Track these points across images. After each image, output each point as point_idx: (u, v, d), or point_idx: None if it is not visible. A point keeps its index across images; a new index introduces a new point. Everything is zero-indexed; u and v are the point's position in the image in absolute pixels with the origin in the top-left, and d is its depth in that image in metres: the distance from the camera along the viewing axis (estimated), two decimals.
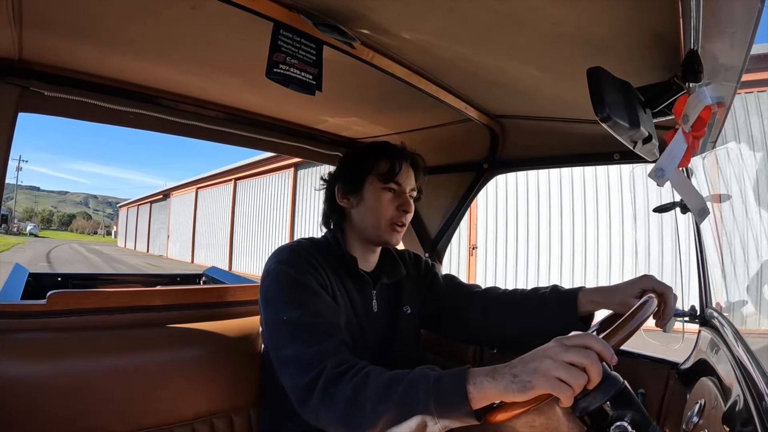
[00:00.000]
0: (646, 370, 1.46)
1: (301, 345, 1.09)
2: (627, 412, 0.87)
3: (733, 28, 0.85)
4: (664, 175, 0.96)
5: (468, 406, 0.85)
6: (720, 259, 1.62)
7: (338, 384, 0.99)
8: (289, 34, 1.07)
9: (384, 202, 1.38)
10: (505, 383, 0.82)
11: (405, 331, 1.48)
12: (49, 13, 1.08)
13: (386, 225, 1.38)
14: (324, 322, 1.14)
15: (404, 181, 1.40)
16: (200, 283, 3.39)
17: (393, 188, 1.39)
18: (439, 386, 0.89)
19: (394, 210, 1.38)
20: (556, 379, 0.78)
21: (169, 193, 31.64)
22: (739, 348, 1.08)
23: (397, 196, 1.39)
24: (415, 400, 0.89)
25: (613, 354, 0.80)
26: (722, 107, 1.05)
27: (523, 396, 0.81)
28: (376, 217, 1.38)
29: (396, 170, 1.38)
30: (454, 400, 0.86)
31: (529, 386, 0.80)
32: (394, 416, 0.90)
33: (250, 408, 1.52)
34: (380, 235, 1.39)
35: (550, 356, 0.81)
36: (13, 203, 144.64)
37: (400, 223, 1.38)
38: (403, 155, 1.43)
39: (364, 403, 0.94)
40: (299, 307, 1.15)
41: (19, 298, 2.03)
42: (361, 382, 0.97)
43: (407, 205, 1.38)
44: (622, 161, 1.60)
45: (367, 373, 0.99)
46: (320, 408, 1.01)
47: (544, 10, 0.96)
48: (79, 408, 1.24)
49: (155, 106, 1.59)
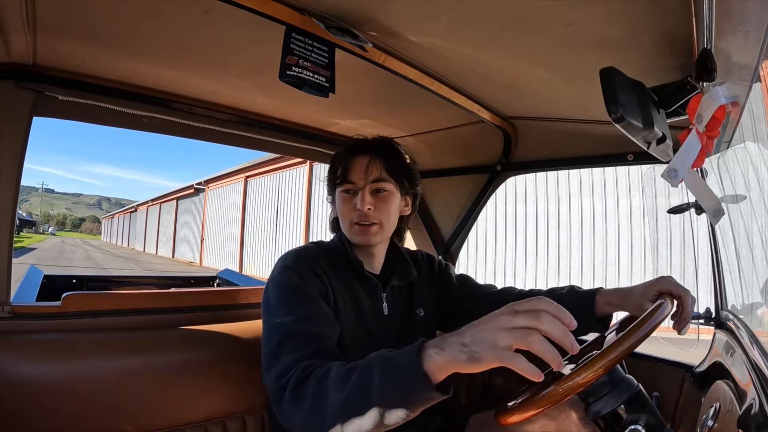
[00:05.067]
0: (660, 373, 1.44)
1: (286, 350, 1.08)
2: (641, 415, 0.87)
3: (746, 26, 0.84)
4: (677, 176, 0.95)
5: (428, 380, 0.78)
6: (737, 261, 1.60)
7: (304, 383, 0.97)
8: (302, 37, 1.07)
9: (343, 205, 1.35)
10: (454, 353, 0.76)
11: (418, 333, 1.45)
12: (63, 18, 1.09)
13: (350, 226, 1.34)
14: (312, 330, 1.12)
15: (356, 176, 1.34)
16: (214, 285, 3.41)
17: (347, 188, 1.35)
18: (393, 363, 0.84)
19: (352, 211, 1.33)
20: (504, 348, 0.72)
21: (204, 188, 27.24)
22: (754, 351, 1.07)
23: (353, 195, 1.35)
24: (370, 380, 0.85)
25: (572, 318, 0.74)
26: (736, 106, 1.04)
27: (472, 367, 0.75)
28: (343, 221, 1.36)
29: (346, 167, 1.35)
30: (410, 375, 0.80)
31: (477, 357, 0.74)
32: (354, 401, 0.85)
33: (263, 409, 1.52)
34: (352, 238, 1.36)
35: (499, 325, 0.75)
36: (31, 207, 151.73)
37: (364, 222, 1.33)
38: (353, 150, 1.39)
39: (326, 395, 0.91)
40: (292, 313, 1.14)
41: (34, 300, 2.06)
42: (323, 375, 0.95)
43: (360, 203, 1.31)
44: (636, 162, 1.59)
45: (330, 367, 0.96)
46: (290, 409, 0.98)
47: (556, 11, 0.96)
48: (92, 409, 1.25)
49: (168, 110, 1.60)
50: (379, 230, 1.35)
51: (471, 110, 1.61)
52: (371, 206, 1.32)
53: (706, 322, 1.49)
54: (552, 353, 0.70)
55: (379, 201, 1.34)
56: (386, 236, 1.41)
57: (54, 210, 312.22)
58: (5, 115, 1.26)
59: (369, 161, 1.34)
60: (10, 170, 1.27)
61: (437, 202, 2.24)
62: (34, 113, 1.32)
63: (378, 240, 1.37)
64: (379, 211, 1.34)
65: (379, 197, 1.35)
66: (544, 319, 0.72)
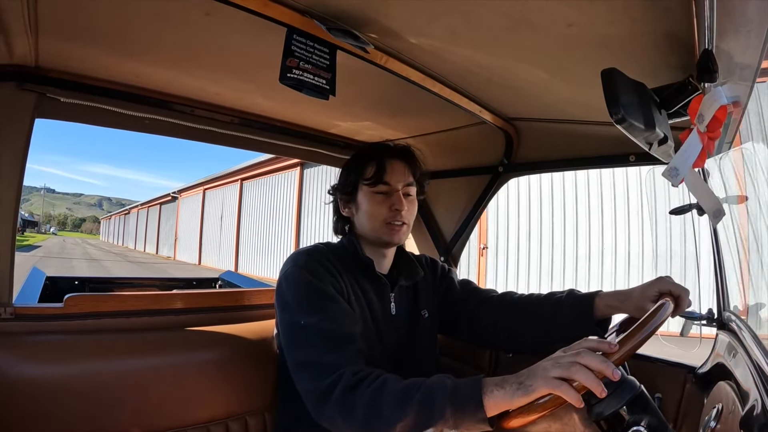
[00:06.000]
0: (662, 375, 1.44)
1: (319, 350, 1.11)
2: (643, 416, 0.87)
3: (747, 26, 0.84)
4: (678, 175, 0.95)
5: (483, 412, 0.89)
6: (738, 262, 1.60)
7: (356, 390, 1.02)
8: (303, 39, 1.08)
9: (375, 205, 1.38)
10: (512, 390, 0.88)
11: (423, 335, 1.48)
12: (65, 20, 1.09)
13: (381, 226, 1.38)
14: (341, 329, 1.16)
15: (394, 180, 1.39)
16: (216, 286, 3.41)
17: (382, 190, 1.39)
18: (456, 394, 0.93)
19: (386, 211, 1.37)
20: (555, 378, 0.84)
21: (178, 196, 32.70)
22: (757, 352, 1.06)
23: (388, 196, 1.39)
24: (432, 406, 0.93)
25: (612, 345, 0.86)
26: (738, 107, 1.04)
27: (527, 398, 0.86)
28: (372, 221, 1.39)
29: (381, 171, 1.38)
30: (469, 407, 0.90)
31: (531, 389, 0.86)
32: (411, 422, 0.94)
33: (264, 411, 1.53)
34: (380, 237, 1.39)
35: (550, 360, 0.88)
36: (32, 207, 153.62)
37: (397, 222, 1.37)
38: (387, 153, 1.43)
39: (381, 408, 0.97)
40: (317, 313, 1.17)
41: (36, 301, 2.06)
42: (378, 388, 1.00)
43: (399, 204, 1.37)
44: (638, 163, 1.58)
45: (385, 379, 1.02)
46: (337, 414, 1.03)
47: (557, 12, 0.96)
48: (95, 410, 1.25)
49: (170, 112, 1.61)
50: (407, 230, 1.43)
51: (472, 112, 1.61)
52: (406, 207, 1.38)
53: (709, 323, 1.49)
54: (591, 380, 0.81)
55: (408, 203, 1.41)
56: (408, 237, 1.48)
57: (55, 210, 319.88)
58: (7, 116, 1.27)
59: (405, 166, 1.43)
60: (12, 171, 1.27)
61: (439, 203, 2.24)
62: (36, 115, 1.32)
63: (405, 239, 1.44)
64: (409, 212, 1.41)
65: (408, 200, 1.42)
66: (584, 354, 0.85)
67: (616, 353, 0.85)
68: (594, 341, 0.89)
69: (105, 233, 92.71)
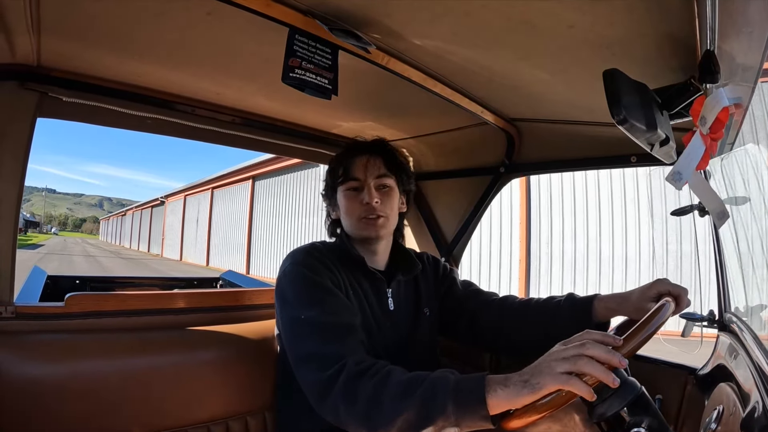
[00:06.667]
0: (663, 376, 1.44)
1: (320, 342, 1.12)
2: (644, 418, 0.87)
3: (749, 27, 0.84)
4: (681, 178, 0.95)
5: (486, 410, 0.88)
6: (739, 263, 1.60)
7: (359, 381, 1.01)
8: (305, 39, 1.08)
9: (349, 203, 1.40)
10: (517, 389, 0.86)
11: (424, 333, 1.49)
12: (67, 19, 1.09)
13: (357, 222, 1.39)
14: (341, 321, 1.17)
15: (361, 173, 1.40)
16: (217, 286, 3.41)
17: (352, 186, 1.40)
18: (458, 389, 0.92)
19: (359, 206, 1.38)
20: (562, 374, 0.83)
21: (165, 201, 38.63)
22: (758, 353, 1.06)
23: (359, 192, 1.40)
24: (435, 401, 0.93)
25: (617, 338, 0.86)
26: (740, 108, 1.04)
27: (534, 396, 0.84)
28: (349, 218, 1.41)
29: (348, 166, 1.41)
30: (471, 404, 0.89)
31: (538, 387, 0.84)
32: (413, 415, 0.93)
33: (265, 410, 1.53)
34: (359, 233, 1.40)
35: (553, 356, 0.87)
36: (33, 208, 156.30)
37: (371, 216, 1.38)
38: (356, 149, 1.45)
39: (384, 400, 0.97)
40: (317, 306, 1.18)
41: (37, 300, 2.06)
42: (382, 380, 1.00)
43: (368, 197, 1.37)
44: (640, 164, 1.58)
45: (389, 371, 1.02)
46: (340, 404, 1.02)
47: (559, 13, 0.96)
48: (95, 409, 1.25)
49: (172, 111, 1.61)
50: (385, 222, 1.41)
51: (474, 112, 1.61)
52: (378, 199, 1.37)
53: (710, 324, 1.49)
54: (600, 371, 0.80)
55: (383, 196, 1.41)
56: (390, 230, 1.46)
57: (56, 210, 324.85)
58: (9, 115, 1.27)
59: (368, 158, 1.42)
60: (13, 171, 1.27)
61: (440, 204, 2.24)
62: (38, 114, 1.32)
63: (384, 233, 1.42)
64: (384, 204, 1.40)
65: (383, 192, 1.42)
66: (589, 346, 0.84)
67: (622, 348, 0.84)
68: (598, 333, 0.88)
69: (104, 233, 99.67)
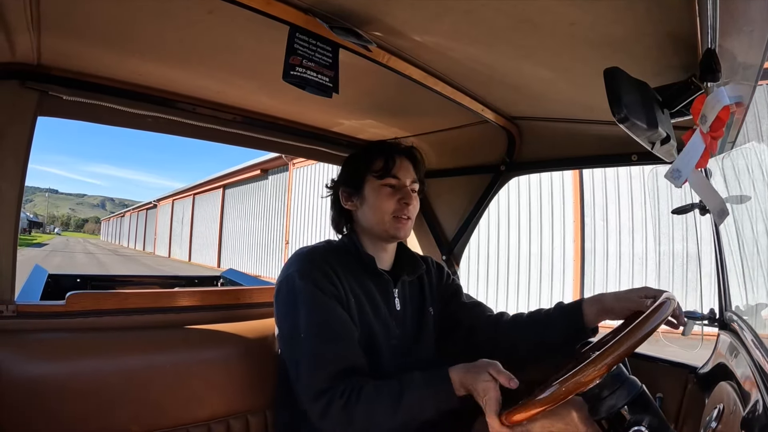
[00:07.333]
0: (664, 375, 1.44)
1: (313, 371, 1.19)
2: (645, 416, 0.87)
3: (750, 26, 0.84)
4: (680, 176, 0.95)
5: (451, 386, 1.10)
6: (740, 261, 1.59)
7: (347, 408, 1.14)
8: (306, 38, 1.08)
9: (384, 198, 1.40)
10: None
11: (429, 332, 1.50)
12: (67, 18, 1.09)
13: (389, 219, 1.39)
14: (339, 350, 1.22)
15: (402, 175, 1.42)
16: (218, 285, 3.41)
17: (391, 183, 1.41)
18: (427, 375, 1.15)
19: (395, 203, 1.39)
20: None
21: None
22: (758, 352, 1.06)
23: (396, 190, 1.41)
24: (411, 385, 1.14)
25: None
26: (741, 107, 1.04)
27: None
28: (379, 213, 1.39)
29: (391, 165, 1.41)
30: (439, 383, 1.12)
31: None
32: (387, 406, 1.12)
33: (266, 409, 1.53)
34: (386, 230, 1.40)
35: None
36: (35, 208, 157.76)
37: (403, 216, 1.39)
38: (397, 149, 1.46)
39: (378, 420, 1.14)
40: (312, 327, 1.23)
41: (38, 299, 2.06)
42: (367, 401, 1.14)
43: (408, 197, 1.40)
44: (640, 162, 1.58)
45: (362, 386, 1.16)
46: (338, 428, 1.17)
47: (560, 11, 0.96)
48: (96, 408, 1.25)
49: (173, 110, 1.61)
50: (411, 226, 1.45)
51: (475, 110, 1.61)
52: (413, 203, 1.43)
53: (710, 323, 1.49)
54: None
55: (414, 200, 1.44)
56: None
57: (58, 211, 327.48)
58: (10, 114, 1.27)
59: (407, 161, 1.46)
60: (14, 170, 1.27)
61: (441, 202, 2.24)
62: (38, 113, 1.32)
63: (409, 234, 1.46)
64: (415, 208, 1.44)
65: (414, 197, 1.45)
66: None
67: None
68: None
69: (105, 233, 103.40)
